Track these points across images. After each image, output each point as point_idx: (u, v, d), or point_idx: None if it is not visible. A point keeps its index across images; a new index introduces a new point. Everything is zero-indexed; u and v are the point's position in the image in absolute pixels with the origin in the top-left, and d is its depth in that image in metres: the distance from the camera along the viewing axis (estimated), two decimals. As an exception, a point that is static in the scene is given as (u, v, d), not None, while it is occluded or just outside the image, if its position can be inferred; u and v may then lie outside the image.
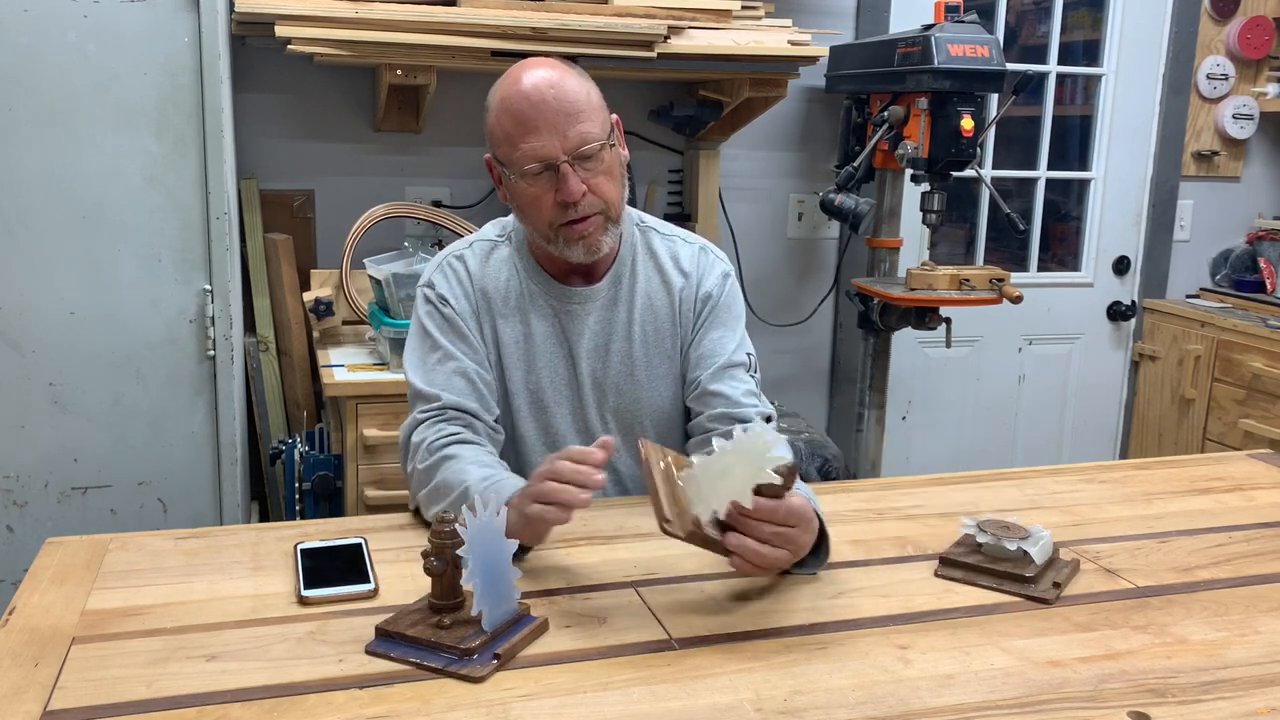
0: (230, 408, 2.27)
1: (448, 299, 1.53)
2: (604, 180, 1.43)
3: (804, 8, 3.04)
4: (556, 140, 1.39)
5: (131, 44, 2.10)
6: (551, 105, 1.39)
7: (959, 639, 1.16)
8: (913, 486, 1.68)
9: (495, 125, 1.44)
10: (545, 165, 1.40)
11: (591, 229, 1.44)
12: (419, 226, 2.75)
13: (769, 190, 3.17)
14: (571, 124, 1.39)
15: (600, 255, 1.48)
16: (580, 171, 1.41)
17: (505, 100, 1.42)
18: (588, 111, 1.41)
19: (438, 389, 1.48)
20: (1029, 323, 3.47)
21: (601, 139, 1.42)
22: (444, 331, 1.52)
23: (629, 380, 1.55)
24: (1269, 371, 3.09)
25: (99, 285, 2.16)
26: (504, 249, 1.57)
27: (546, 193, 1.42)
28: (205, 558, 1.32)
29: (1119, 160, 3.49)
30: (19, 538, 2.21)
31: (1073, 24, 3.42)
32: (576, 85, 1.42)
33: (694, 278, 1.58)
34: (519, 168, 1.41)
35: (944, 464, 3.42)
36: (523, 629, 1.12)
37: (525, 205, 1.45)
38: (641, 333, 1.56)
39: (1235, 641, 1.17)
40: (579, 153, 1.40)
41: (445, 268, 1.56)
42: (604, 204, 1.44)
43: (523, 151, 1.40)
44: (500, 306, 1.54)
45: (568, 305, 1.54)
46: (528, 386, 1.54)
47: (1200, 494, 1.67)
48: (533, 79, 1.40)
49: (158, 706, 0.99)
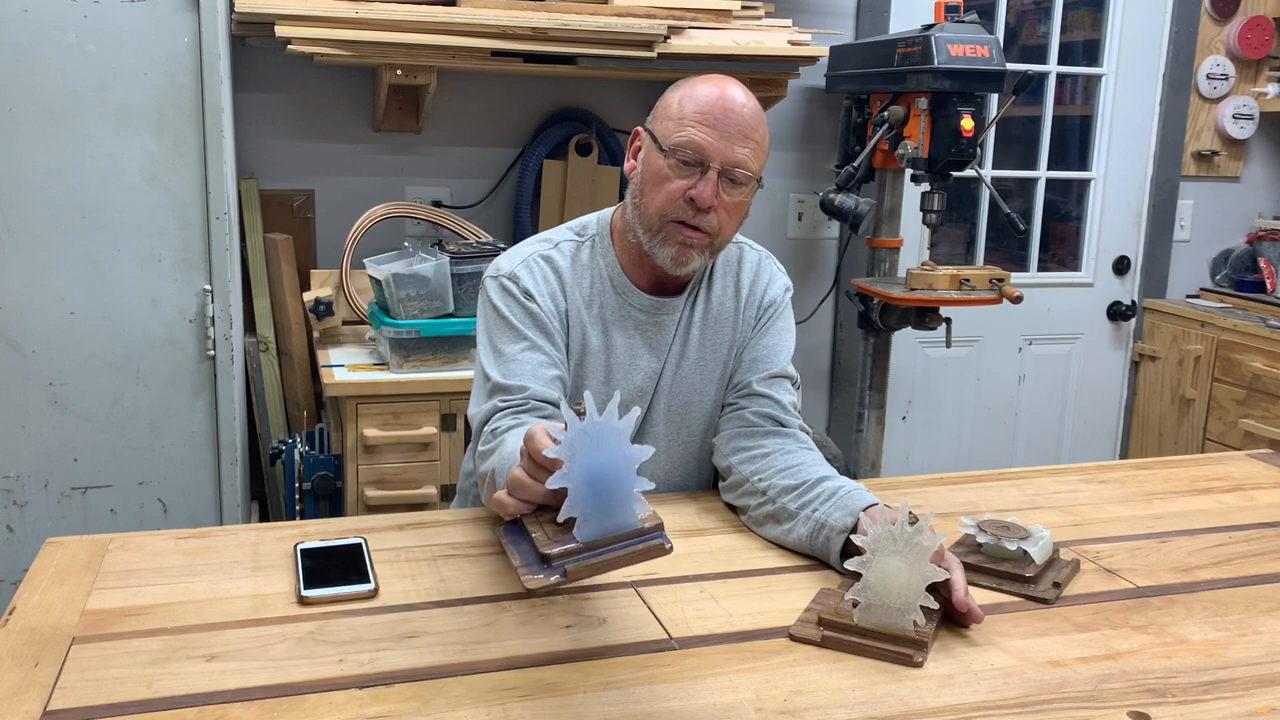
0: (230, 408, 2.27)
1: (533, 294, 1.48)
2: (731, 211, 1.44)
3: (804, 8, 3.04)
4: (722, 146, 1.40)
5: (131, 44, 2.10)
6: (736, 118, 1.41)
7: (959, 639, 1.16)
8: (913, 486, 1.68)
9: (675, 103, 1.44)
10: (698, 159, 1.40)
11: (694, 241, 1.43)
12: (419, 226, 2.75)
13: (769, 190, 3.17)
14: (742, 143, 1.41)
15: (685, 273, 1.47)
16: (721, 187, 1.41)
17: (700, 90, 1.43)
18: (757, 147, 1.43)
19: (523, 380, 1.41)
20: (1029, 323, 3.47)
21: (754, 175, 1.44)
22: (527, 324, 1.47)
23: (683, 383, 1.55)
24: (1269, 371, 3.09)
25: (99, 285, 2.16)
26: (585, 251, 1.55)
27: (681, 182, 1.41)
28: (205, 558, 1.32)
29: (1119, 160, 3.49)
30: (19, 538, 2.21)
31: (1073, 24, 3.42)
32: (760, 121, 1.44)
33: (760, 285, 1.58)
34: (674, 145, 1.41)
35: (944, 464, 3.42)
36: (628, 547, 0.98)
37: (653, 183, 1.44)
38: (700, 335, 1.55)
39: (1235, 641, 1.17)
40: (731, 171, 1.41)
41: (533, 264, 1.51)
42: (718, 229, 1.44)
43: (688, 136, 1.40)
44: (587, 313, 1.51)
45: (654, 317, 1.52)
46: (598, 396, 1.52)
47: (1200, 494, 1.67)
48: (735, 91, 1.43)
49: (158, 706, 0.99)
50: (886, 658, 1.10)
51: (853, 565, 1.14)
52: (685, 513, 1.50)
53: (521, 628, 1.15)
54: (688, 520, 1.47)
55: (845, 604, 1.16)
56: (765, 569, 1.33)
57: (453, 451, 2.37)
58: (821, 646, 1.13)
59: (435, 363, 2.37)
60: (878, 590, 1.13)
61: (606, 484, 0.97)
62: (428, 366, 2.36)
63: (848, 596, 1.16)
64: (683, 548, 1.37)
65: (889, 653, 1.10)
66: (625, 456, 0.97)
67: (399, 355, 2.34)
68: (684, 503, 1.54)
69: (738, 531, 1.44)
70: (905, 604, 1.11)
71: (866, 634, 1.12)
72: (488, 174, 2.91)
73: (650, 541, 0.98)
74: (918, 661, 1.09)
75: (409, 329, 2.33)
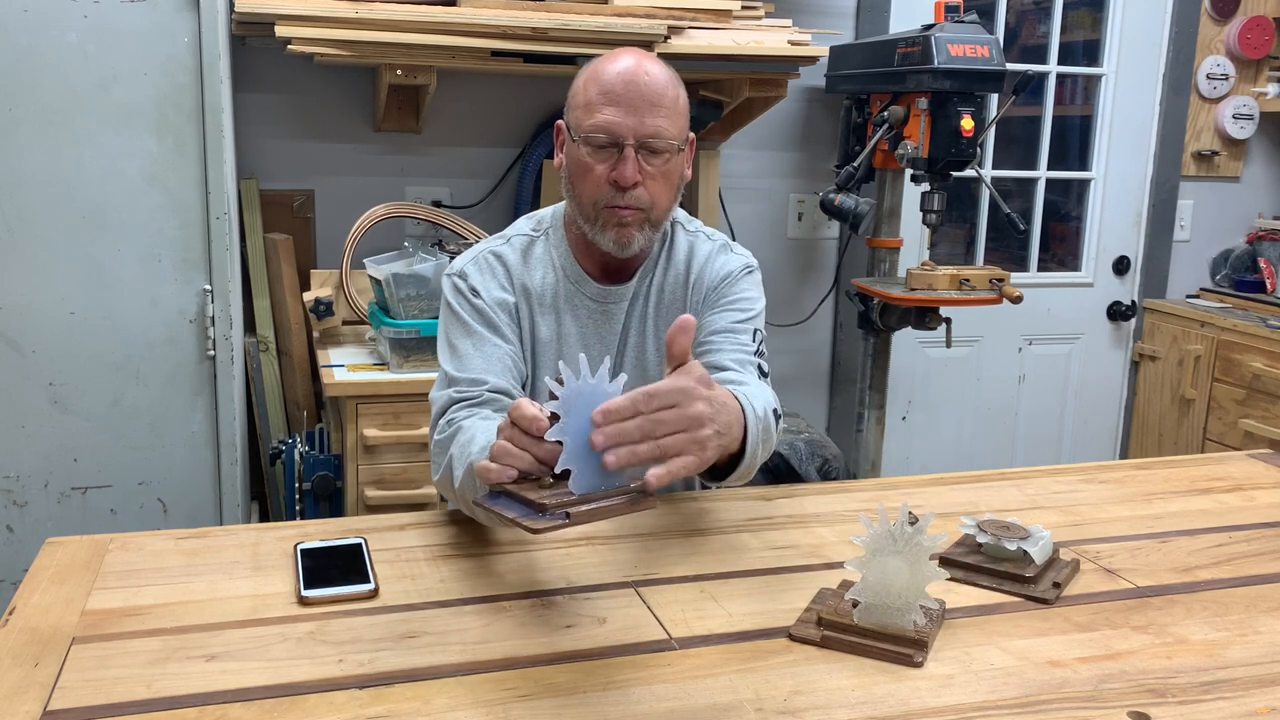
0: (230, 408, 2.27)
1: (479, 291, 1.51)
2: (659, 182, 1.44)
3: (804, 8, 3.04)
4: (632, 122, 1.39)
5: (131, 44, 2.10)
6: (639, 89, 1.40)
7: (959, 639, 1.15)
8: (913, 486, 1.68)
9: (579, 90, 1.44)
10: (612, 141, 1.40)
11: (630, 220, 1.44)
12: (419, 226, 2.75)
13: (769, 190, 3.17)
14: (651, 114, 1.40)
15: (630, 253, 1.48)
16: (641, 162, 1.41)
17: (598, 70, 1.43)
18: (671, 111, 1.42)
19: (478, 373, 1.44)
20: (1029, 323, 3.47)
21: (674, 141, 1.43)
22: (476, 320, 1.50)
23: (641, 375, 1.55)
24: (1269, 371, 3.09)
25: (99, 285, 2.16)
26: (540, 244, 1.57)
27: (603, 168, 1.42)
28: (205, 558, 1.32)
29: (1119, 160, 3.49)
30: (19, 538, 2.21)
31: (1073, 24, 3.42)
32: (668, 84, 1.43)
33: (711, 268, 1.57)
34: (586, 134, 1.41)
35: (944, 464, 3.42)
36: (620, 499, 1.02)
37: (578, 174, 1.45)
38: (655, 327, 1.56)
39: (1235, 641, 1.17)
40: (647, 143, 1.40)
41: (482, 262, 1.54)
42: (650, 203, 1.44)
43: (596, 121, 1.40)
44: (538, 304, 1.53)
45: (603, 305, 1.54)
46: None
47: (1200, 494, 1.67)
48: (631, 61, 1.42)
49: (158, 706, 0.99)
50: (886, 658, 1.10)
51: (853, 565, 1.14)
52: (685, 513, 1.50)
53: (521, 628, 1.15)
54: (687, 520, 1.47)
55: (845, 604, 1.16)
56: (765, 569, 1.33)
57: (453, 451, 2.37)
58: (821, 646, 1.13)
59: (435, 363, 2.36)
60: (878, 590, 1.13)
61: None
62: (428, 366, 2.36)
63: (848, 596, 1.16)
64: (683, 548, 1.37)
65: (889, 653, 1.10)
66: None
67: (399, 355, 2.34)
68: (685, 503, 1.54)
69: (738, 531, 1.44)
70: (905, 604, 1.11)
71: (866, 634, 1.12)
72: (488, 174, 2.91)
73: (642, 496, 1.03)
74: (918, 661, 1.09)
75: (409, 329, 2.33)
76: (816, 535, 1.45)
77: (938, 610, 1.16)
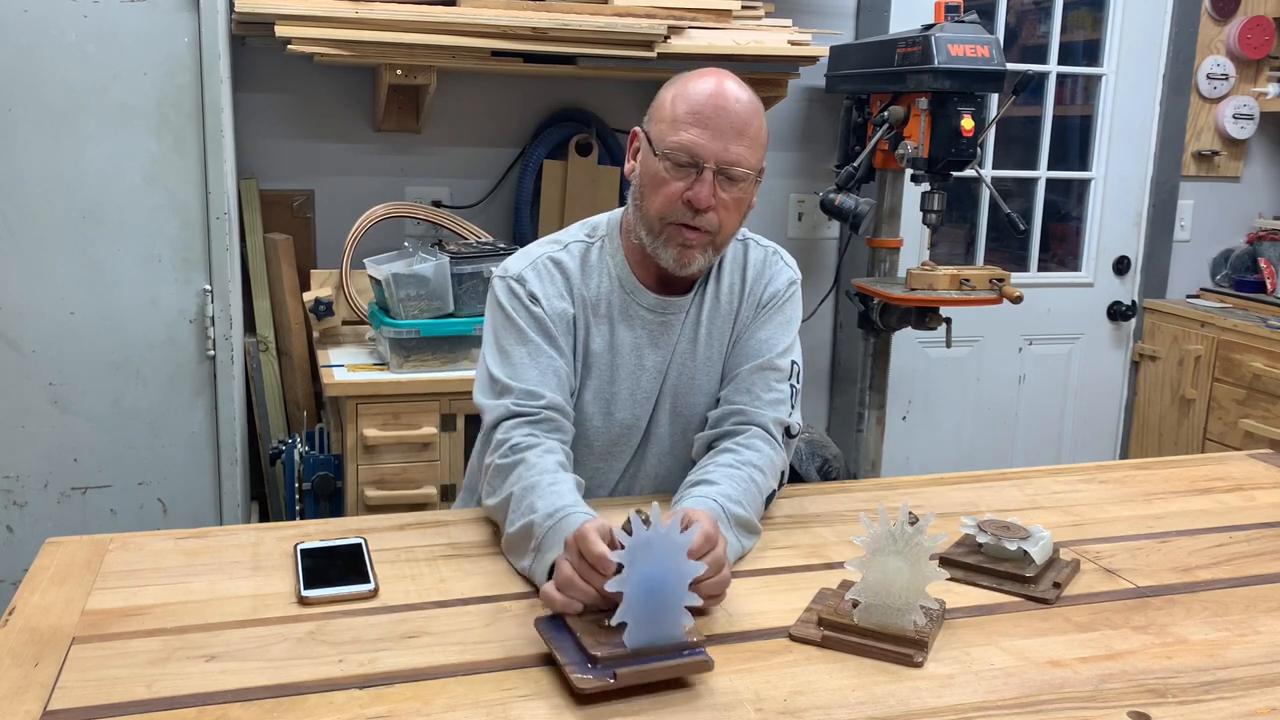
0: (230, 408, 2.27)
1: (539, 298, 1.48)
2: (730, 208, 1.43)
3: (804, 8, 3.04)
4: (717, 146, 1.39)
5: (131, 44, 2.10)
6: (729, 115, 1.40)
7: (959, 639, 1.16)
8: (913, 486, 1.68)
9: (668, 103, 1.43)
10: (693, 161, 1.40)
11: (695, 242, 1.43)
12: (419, 226, 2.75)
13: (769, 190, 3.17)
14: (736, 141, 1.40)
15: (689, 273, 1.47)
16: (718, 186, 1.41)
17: (691, 88, 1.42)
18: (753, 142, 1.42)
19: (534, 385, 1.43)
20: (1029, 323, 3.47)
21: (752, 171, 1.43)
22: (532, 327, 1.47)
23: (690, 383, 1.55)
24: (1269, 371, 3.09)
25: (99, 285, 2.16)
26: (595, 251, 1.54)
27: (678, 186, 1.41)
28: (205, 558, 1.32)
29: (1119, 160, 3.49)
30: (19, 538, 2.21)
31: (1073, 24, 3.42)
32: (754, 113, 1.43)
33: (763, 280, 1.57)
34: (668, 148, 1.40)
35: (944, 464, 3.42)
36: (674, 660, 1.03)
37: (651, 186, 1.44)
38: (707, 335, 1.55)
39: (1235, 641, 1.17)
40: (727, 170, 1.40)
41: (541, 268, 1.51)
42: (719, 228, 1.44)
43: (681, 139, 1.40)
44: (594, 315, 1.52)
45: (661, 316, 1.52)
46: (603, 395, 1.52)
47: (1200, 494, 1.67)
48: (725, 85, 1.42)
49: (158, 706, 0.99)
50: (886, 658, 1.10)
51: (853, 565, 1.14)
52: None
53: (521, 628, 1.15)
54: (688, 520, 1.47)
55: (845, 604, 1.16)
56: (765, 569, 1.33)
57: (453, 451, 2.37)
58: (821, 646, 1.13)
59: (435, 363, 2.37)
60: (878, 590, 1.13)
61: (659, 594, 1.03)
62: (428, 366, 2.36)
63: (848, 596, 1.16)
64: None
65: (889, 653, 1.10)
66: (680, 571, 1.04)
67: (399, 355, 2.34)
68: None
69: (738, 531, 1.44)
70: (905, 604, 1.11)
71: (866, 634, 1.12)
72: (488, 174, 2.91)
73: (695, 657, 1.04)
74: (918, 661, 1.09)
75: (409, 329, 2.33)
76: (816, 535, 1.45)
77: (938, 610, 1.16)
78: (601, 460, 1.55)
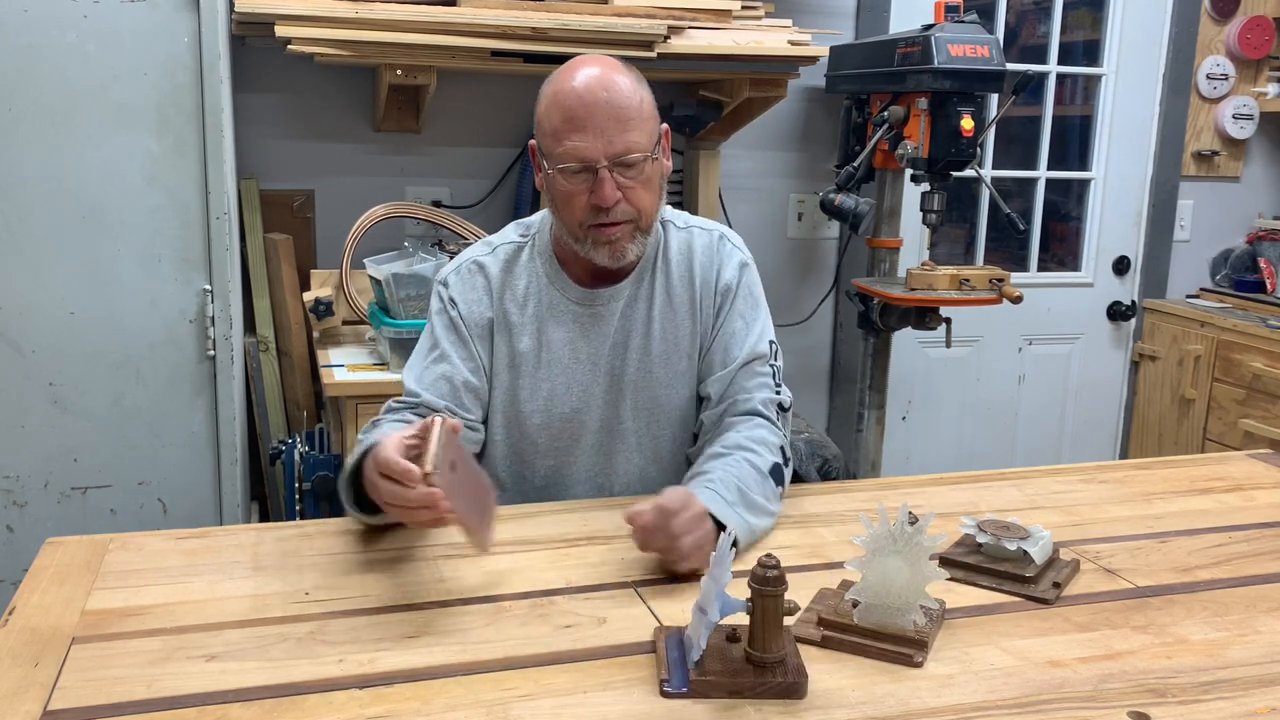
0: (230, 408, 2.27)
1: (457, 302, 1.53)
2: (640, 190, 1.43)
3: (804, 8, 3.04)
4: (601, 144, 1.38)
5: (131, 44, 2.10)
6: (602, 108, 1.38)
7: (959, 639, 1.16)
8: (913, 486, 1.68)
9: (544, 116, 1.43)
10: (584, 166, 1.40)
11: (620, 235, 1.44)
12: (419, 226, 2.75)
13: (769, 190, 3.17)
14: (619, 130, 1.39)
15: (625, 263, 1.48)
16: (618, 178, 1.40)
17: (558, 94, 1.41)
18: (638, 120, 1.40)
19: (422, 387, 1.51)
20: (1029, 323, 3.47)
21: (646, 150, 1.42)
22: (447, 332, 1.53)
23: (647, 378, 1.55)
24: (1269, 371, 3.09)
25: (99, 285, 2.16)
26: (525, 253, 1.56)
27: (581, 192, 1.41)
28: (205, 558, 1.32)
29: (1119, 160, 3.49)
30: (19, 538, 2.21)
31: (1073, 24, 3.42)
32: (630, 90, 1.41)
33: (713, 270, 1.57)
34: (558, 163, 1.41)
35: (944, 464, 3.42)
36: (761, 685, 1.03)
37: (559, 201, 1.45)
38: (661, 329, 1.55)
39: (1235, 641, 1.17)
40: (621, 160, 1.40)
41: (465, 272, 1.55)
42: (636, 213, 1.44)
43: (565, 148, 1.39)
44: (517, 320, 1.53)
45: (591, 308, 1.53)
46: (539, 392, 1.54)
47: (1200, 494, 1.67)
48: (588, 77, 1.40)
49: (158, 706, 0.99)
50: (886, 658, 1.10)
51: (853, 565, 1.14)
52: (685, 513, 1.50)
53: (521, 628, 1.15)
54: (688, 520, 1.47)
55: (845, 604, 1.16)
56: (765, 569, 1.33)
57: (453, 451, 2.37)
58: (821, 646, 1.13)
59: (435, 363, 2.37)
60: (878, 590, 1.13)
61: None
62: (428, 366, 2.36)
63: (848, 596, 1.16)
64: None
65: (889, 653, 1.10)
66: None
67: (399, 355, 2.34)
68: (684, 503, 1.54)
69: (738, 531, 1.44)
70: (905, 604, 1.11)
71: (866, 634, 1.12)
72: (488, 174, 2.91)
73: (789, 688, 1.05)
74: (918, 661, 1.09)
75: (409, 329, 2.33)
76: (816, 535, 1.45)
77: (938, 610, 1.16)
78: (550, 458, 1.56)
